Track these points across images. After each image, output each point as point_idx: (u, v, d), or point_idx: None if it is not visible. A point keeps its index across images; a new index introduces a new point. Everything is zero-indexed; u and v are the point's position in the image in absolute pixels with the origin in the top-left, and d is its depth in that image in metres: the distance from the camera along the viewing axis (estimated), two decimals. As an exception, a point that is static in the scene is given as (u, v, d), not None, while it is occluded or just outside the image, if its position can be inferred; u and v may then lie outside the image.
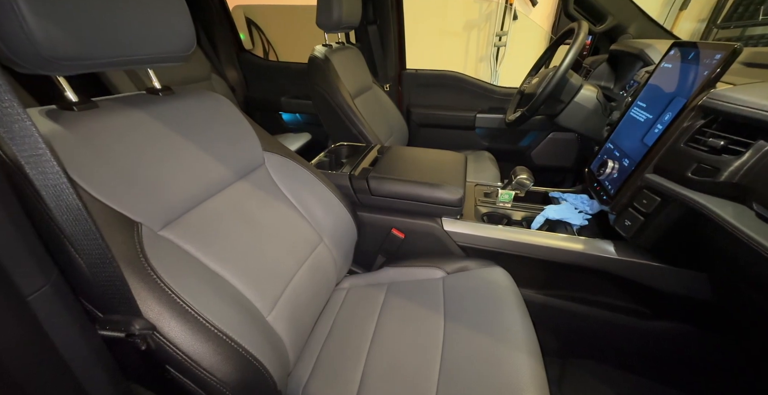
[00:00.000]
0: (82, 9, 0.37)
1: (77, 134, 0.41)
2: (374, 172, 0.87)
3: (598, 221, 0.83)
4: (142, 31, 0.44)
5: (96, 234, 0.33)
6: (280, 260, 0.60)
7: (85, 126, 0.43)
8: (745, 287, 0.51)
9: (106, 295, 0.35)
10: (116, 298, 0.35)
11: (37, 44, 0.34)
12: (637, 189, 0.63)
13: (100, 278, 0.34)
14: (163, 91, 0.55)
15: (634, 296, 0.78)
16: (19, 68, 0.36)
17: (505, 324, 0.62)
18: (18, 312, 0.29)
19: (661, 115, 0.61)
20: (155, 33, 0.46)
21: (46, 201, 0.30)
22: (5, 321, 0.28)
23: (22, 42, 0.34)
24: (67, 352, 0.32)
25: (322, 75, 1.14)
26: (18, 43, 0.34)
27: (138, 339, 0.35)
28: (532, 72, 1.19)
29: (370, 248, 0.91)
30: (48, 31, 0.35)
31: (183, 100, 0.57)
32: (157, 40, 0.46)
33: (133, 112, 0.49)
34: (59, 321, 0.32)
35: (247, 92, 1.82)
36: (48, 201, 0.31)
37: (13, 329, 0.28)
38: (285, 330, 0.55)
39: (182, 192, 0.51)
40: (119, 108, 0.48)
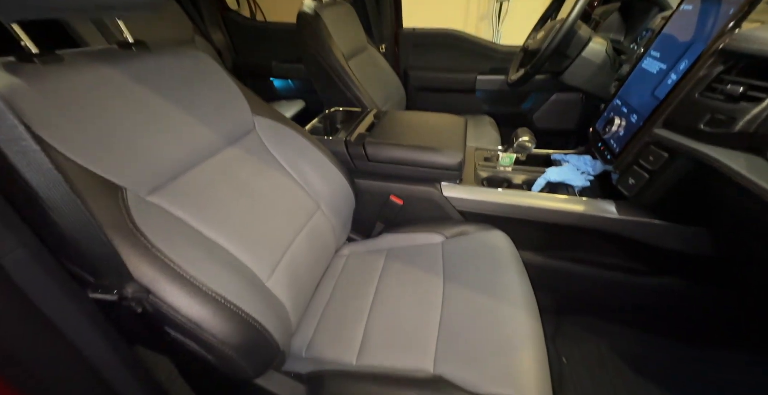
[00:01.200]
0: None
1: (42, 90, 0.38)
2: (371, 137, 0.83)
3: (600, 182, 0.81)
4: None
5: (73, 196, 0.31)
6: (277, 227, 0.59)
7: (49, 81, 0.39)
8: (751, 240, 0.50)
9: (95, 260, 0.33)
10: (105, 263, 0.34)
11: None
12: (644, 145, 0.61)
13: (84, 243, 0.32)
14: (137, 45, 0.51)
15: (632, 254, 0.78)
16: None
17: (504, 283, 0.62)
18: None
19: (677, 63, 0.57)
20: None
21: (10, 158, 0.28)
22: None
23: None
24: (56, 317, 0.32)
25: (312, 33, 1.06)
26: None
27: (132, 302, 0.34)
28: (537, 26, 1.11)
29: (369, 215, 0.90)
30: None
31: (159, 57, 0.52)
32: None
33: (103, 68, 0.45)
34: (42, 284, 0.31)
35: (235, 57, 1.71)
36: (13, 160, 0.28)
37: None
38: (285, 295, 0.55)
39: (167, 156, 0.48)
40: (88, 62, 0.44)
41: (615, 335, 0.88)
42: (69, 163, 0.37)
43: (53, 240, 0.34)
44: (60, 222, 0.32)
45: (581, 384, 0.78)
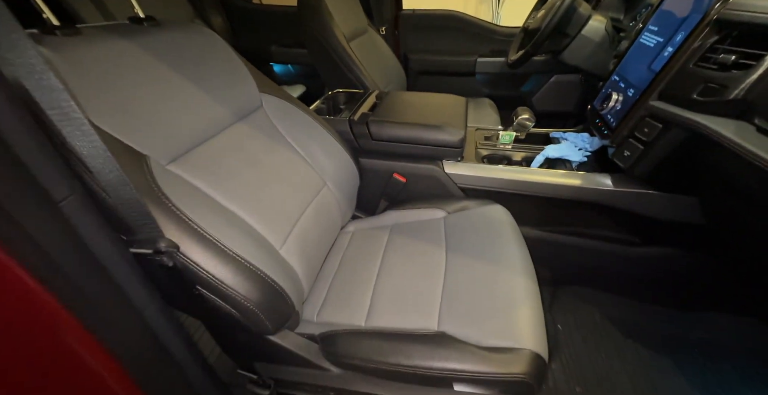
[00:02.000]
0: None
1: (66, 60, 0.40)
2: (374, 116, 0.85)
3: (597, 158, 0.84)
4: None
5: (111, 158, 0.33)
6: (287, 200, 0.62)
7: (71, 52, 0.41)
8: (739, 205, 0.53)
9: (129, 216, 0.36)
10: (138, 219, 0.36)
11: None
12: (639, 118, 0.63)
13: (120, 199, 0.35)
14: (148, 21, 0.52)
15: (626, 226, 0.81)
16: None
17: (503, 252, 0.65)
18: (52, 214, 0.31)
19: (673, 36, 0.59)
20: None
21: (54, 121, 0.30)
22: (42, 220, 0.30)
23: None
24: (105, 260, 0.35)
25: (314, 15, 1.06)
26: None
27: (165, 256, 0.37)
28: (538, 5, 1.11)
29: (373, 193, 0.93)
30: None
31: (170, 32, 0.54)
32: None
33: (119, 41, 0.46)
34: (92, 229, 0.34)
35: (234, 41, 1.70)
36: (56, 122, 0.30)
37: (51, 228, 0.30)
38: (297, 263, 0.58)
39: (184, 128, 0.50)
40: (104, 36, 0.45)
41: (608, 303, 0.92)
42: (96, 130, 0.39)
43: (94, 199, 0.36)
44: (99, 182, 0.34)
45: (575, 347, 0.83)
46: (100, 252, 0.35)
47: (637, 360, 0.80)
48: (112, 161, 0.33)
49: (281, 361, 0.57)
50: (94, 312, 0.34)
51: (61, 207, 0.31)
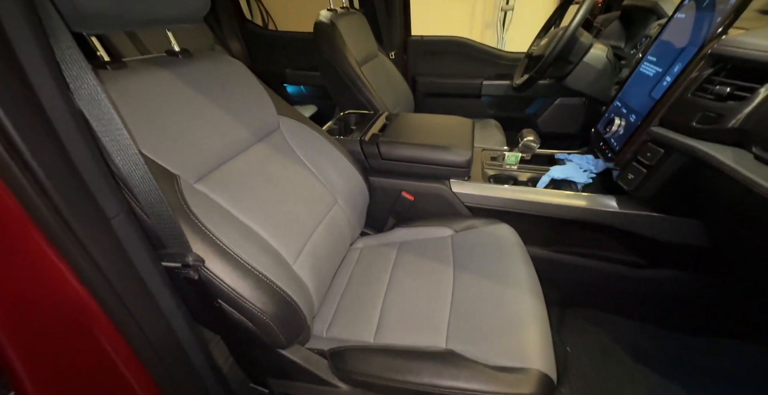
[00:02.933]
0: None
1: (115, 91, 0.45)
2: (384, 137, 0.89)
3: (602, 180, 0.85)
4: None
5: (150, 176, 0.37)
6: (300, 217, 0.64)
7: (119, 84, 0.46)
8: (740, 229, 0.54)
9: (162, 231, 0.39)
10: (170, 235, 0.40)
11: (77, 3, 0.37)
12: (642, 143, 0.65)
13: (156, 215, 0.38)
14: (182, 53, 0.57)
15: (632, 247, 0.82)
16: None
17: (511, 271, 0.66)
18: (107, 231, 0.34)
19: (671, 67, 0.62)
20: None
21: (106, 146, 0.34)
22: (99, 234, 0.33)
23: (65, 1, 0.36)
24: (142, 271, 0.38)
25: (328, 41, 1.12)
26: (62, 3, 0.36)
27: (191, 269, 0.40)
28: (541, 33, 1.16)
29: (382, 211, 0.95)
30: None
31: (201, 63, 0.59)
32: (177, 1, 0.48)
33: (159, 72, 0.51)
34: (134, 244, 0.37)
35: (251, 64, 1.79)
36: (108, 147, 0.34)
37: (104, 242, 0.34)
38: (309, 278, 0.60)
39: (210, 149, 0.54)
40: (146, 68, 0.51)
41: (617, 326, 0.91)
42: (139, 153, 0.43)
43: None
44: (139, 201, 0.38)
45: (584, 370, 0.81)
46: (139, 263, 0.38)
47: (647, 385, 0.78)
48: (152, 182, 0.36)
49: (292, 377, 0.58)
50: (128, 317, 0.37)
51: (113, 224, 0.34)
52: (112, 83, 0.45)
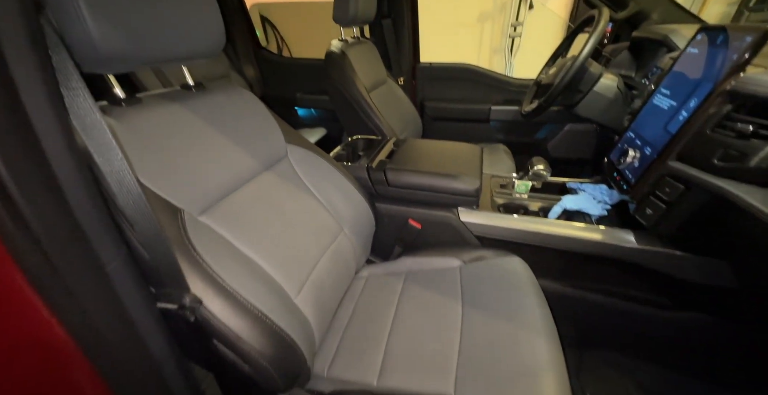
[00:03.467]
0: (134, 13, 0.41)
1: (127, 127, 0.45)
2: (391, 164, 0.88)
3: (617, 211, 0.82)
4: (182, 31, 0.48)
5: (152, 216, 0.36)
6: (305, 247, 0.63)
7: (132, 120, 0.47)
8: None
9: (161, 270, 0.38)
10: (169, 275, 0.39)
11: (96, 46, 0.38)
12: (659, 177, 0.62)
13: (155, 256, 0.37)
14: (196, 87, 0.59)
15: (654, 286, 0.77)
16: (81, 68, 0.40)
17: (523, 310, 0.63)
18: (99, 278, 0.33)
19: (686, 101, 0.60)
20: (192, 32, 0.49)
21: (111, 185, 0.34)
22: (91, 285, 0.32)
23: (84, 45, 0.38)
24: (136, 317, 0.36)
25: (338, 70, 1.15)
26: (81, 46, 0.38)
27: (188, 311, 0.39)
28: (550, 62, 1.17)
29: (388, 238, 0.93)
30: (106, 34, 0.39)
31: (214, 95, 0.60)
32: (193, 38, 0.50)
33: (171, 107, 0.53)
34: (129, 291, 0.36)
35: (264, 88, 1.85)
36: (112, 186, 0.34)
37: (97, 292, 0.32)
38: (311, 312, 0.58)
39: (217, 181, 0.54)
40: (159, 103, 0.52)
41: (642, 371, 0.84)
42: (144, 188, 0.43)
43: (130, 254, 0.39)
44: (138, 238, 0.37)
45: None
46: (132, 307, 0.37)
47: None
48: (153, 220, 0.36)
49: None
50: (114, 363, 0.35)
51: (107, 269, 0.33)
52: (124, 119, 0.46)
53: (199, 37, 0.51)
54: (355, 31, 1.30)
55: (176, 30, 0.47)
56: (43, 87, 0.27)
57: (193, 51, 0.50)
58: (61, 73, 0.30)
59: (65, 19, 0.36)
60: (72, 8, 0.36)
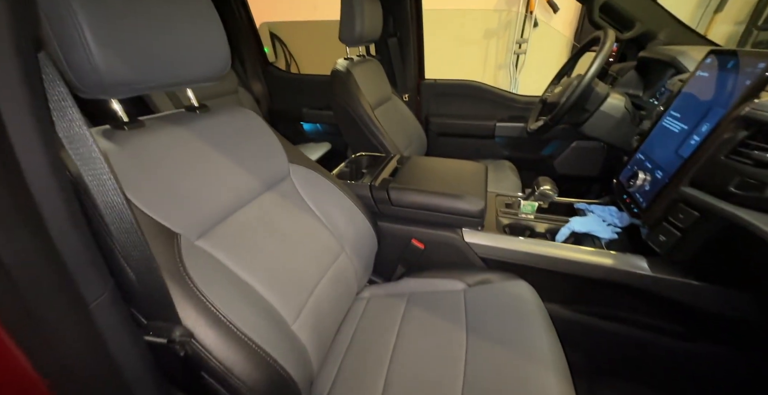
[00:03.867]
0: (138, 40, 0.41)
1: (128, 152, 0.45)
2: (394, 183, 0.87)
3: (628, 234, 0.79)
4: (187, 56, 0.48)
5: (144, 245, 0.35)
6: (304, 269, 0.62)
7: (133, 144, 0.46)
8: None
9: (151, 302, 0.37)
10: (159, 306, 0.37)
11: (100, 73, 0.39)
12: (672, 202, 0.60)
13: (146, 286, 0.36)
14: (200, 109, 0.59)
15: (670, 315, 0.73)
16: (83, 94, 0.41)
17: (531, 340, 0.60)
18: (82, 319, 0.31)
19: (698, 125, 0.59)
20: (197, 57, 0.49)
21: (103, 213, 0.33)
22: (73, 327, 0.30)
23: (88, 72, 0.38)
24: (119, 356, 0.35)
25: (343, 88, 1.16)
26: (84, 73, 0.38)
27: (177, 345, 0.37)
28: (555, 80, 1.17)
29: (390, 258, 0.91)
30: (109, 61, 0.39)
31: (217, 117, 0.60)
32: (198, 62, 0.50)
33: (174, 129, 0.52)
34: (113, 327, 0.34)
35: (271, 104, 1.88)
36: (104, 214, 0.34)
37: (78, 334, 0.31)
38: (308, 339, 0.56)
39: (216, 203, 0.53)
40: (162, 126, 0.52)
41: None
42: (141, 214, 0.43)
43: (118, 283, 0.38)
44: (129, 266, 0.36)
45: None
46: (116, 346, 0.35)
47: None
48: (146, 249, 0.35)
49: None
50: None
51: (92, 308, 0.32)
52: (126, 143, 0.46)
53: (205, 61, 0.51)
54: (360, 50, 1.32)
55: (181, 55, 0.47)
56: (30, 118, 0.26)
57: (198, 75, 0.51)
58: (55, 103, 0.30)
59: (69, 48, 0.37)
60: (77, 37, 0.37)
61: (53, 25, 0.36)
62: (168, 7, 0.45)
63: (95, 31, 0.37)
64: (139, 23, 0.41)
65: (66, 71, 0.38)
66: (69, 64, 0.37)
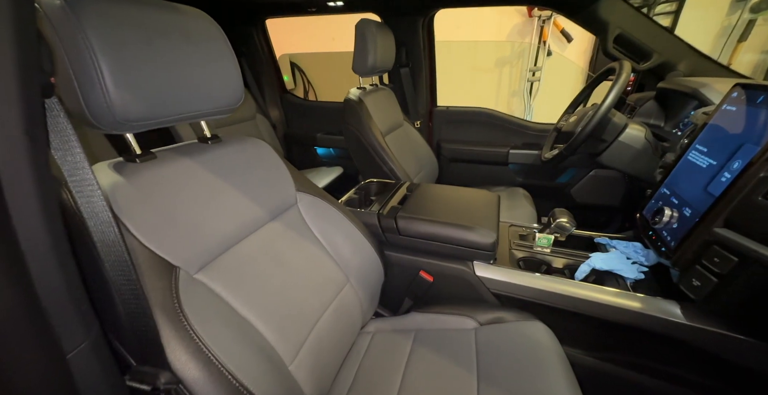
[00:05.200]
0: (154, 79, 0.43)
1: (135, 184, 0.45)
2: (403, 211, 0.85)
3: (654, 274, 0.73)
4: (200, 91, 0.49)
5: (136, 283, 0.35)
6: (306, 302, 0.60)
7: (143, 176, 0.47)
8: None
9: (140, 344, 0.36)
10: (148, 348, 0.36)
11: (114, 110, 0.40)
12: (704, 244, 0.55)
13: (136, 328, 0.35)
14: (212, 139, 0.60)
15: (707, 370, 0.65)
16: (99, 130, 0.42)
17: (549, 389, 0.54)
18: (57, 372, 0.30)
19: (728, 162, 0.55)
20: (210, 91, 0.51)
21: (99, 249, 0.33)
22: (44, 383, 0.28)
23: (103, 109, 0.40)
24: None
25: (355, 116, 1.19)
26: (100, 110, 0.40)
27: (162, 393, 0.35)
28: (570, 110, 1.15)
29: (397, 290, 0.87)
30: (124, 100, 0.40)
31: (228, 147, 0.61)
32: (211, 97, 0.51)
33: (185, 161, 0.53)
34: (93, 374, 0.33)
35: (287, 129, 1.95)
36: (100, 251, 0.33)
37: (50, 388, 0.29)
38: (307, 380, 0.53)
39: (219, 235, 0.53)
40: (173, 157, 0.52)
41: None
42: (141, 247, 0.42)
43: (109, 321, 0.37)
44: (119, 305, 0.35)
45: None
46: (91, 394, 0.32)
47: None
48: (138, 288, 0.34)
49: None
50: None
51: (69, 358, 0.30)
52: (134, 176, 0.46)
53: (218, 96, 0.52)
54: (373, 79, 1.36)
55: (195, 91, 0.48)
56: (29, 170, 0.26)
57: (211, 109, 0.52)
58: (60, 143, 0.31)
59: (88, 87, 0.38)
60: (95, 77, 0.38)
61: (74, 66, 0.38)
62: (185, 45, 0.47)
63: (113, 72, 0.39)
64: (157, 63, 0.43)
65: (83, 109, 0.39)
66: (86, 103, 0.39)
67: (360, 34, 1.15)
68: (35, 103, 0.27)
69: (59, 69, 0.37)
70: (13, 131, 0.24)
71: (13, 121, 0.24)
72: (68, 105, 0.39)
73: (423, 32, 1.47)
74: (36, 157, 0.26)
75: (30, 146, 0.25)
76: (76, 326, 0.31)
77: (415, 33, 1.45)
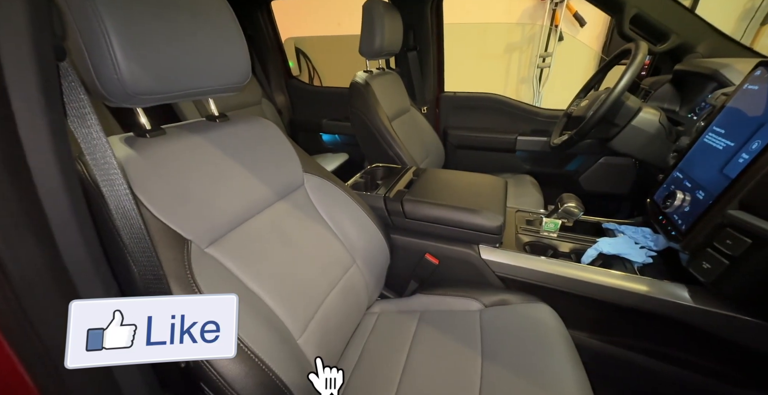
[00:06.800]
0: (163, 53, 0.43)
1: (148, 159, 0.46)
2: (409, 195, 0.85)
3: (664, 258, 0.72)
4: (208, 67, 0.49)
5: (152, 252, 0.36)
6: (314, 281, 0.61)
7: (154, 151, 0.48)
8: None
9: None
10: None
11: (125, 83, 0.40)
12: (717, 226, 0.54)
13: (152, 294, 0.36)
14: (220, 117, 0.60)
15: (719, 354, 0.65)
16: (109, 102, 0.43)
17: (553, 371, 0.55)
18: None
19: (747, 142, 0.53)
20: (219, 68, 0.51)
21: (115, 220, 0.35)
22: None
23: (114, 82, 0.40)
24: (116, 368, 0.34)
25: (361, 100, 1.17)
26: (111, 83, 0.40)
27: None
28: (581, 94, 1.12)
29: (403, 272, 0.88)
30: (134, 73, 0.41)
31: (236, 126, 0.61)
32: (219, 73, 0.51)
33: (193, 138, 0.54)
34: None
35: (293, 115, 1.93)
36: (117, 220, 0.35)
37: None
38: (314, 354, 0.54)
39: (229, 211, 0.53)
40: (182, 134, 0.53)
41: None
42: (154, 219, 0.43)
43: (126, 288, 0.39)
44: (136, 273, 0.37)
45: None
46: None
47: None
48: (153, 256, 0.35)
49: None
50: None
51: None
52: (146, 151, 0.47)
53: (226, 72, 0.52)
54: (380, 63, 1.33)
55: (204, 67, 0.48)
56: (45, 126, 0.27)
57: (219, 85, 0.52)
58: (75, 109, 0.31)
59: (98, 60, 0.39)
60: (105, 50, 0.38)
61: (84, 36, 0.38)
62: (193, 20, 0.46)
63: (123, 44, 0.39)
64: (166, 37, 0.43)
65: (94, 81, 0.40)
66: (97, 75, 0.39)
67: (367, 15, 1.12)
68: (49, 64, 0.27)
69: (70, 39, 0.37)
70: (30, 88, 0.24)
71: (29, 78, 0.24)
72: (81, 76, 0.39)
73: (431, 14, 1.43)
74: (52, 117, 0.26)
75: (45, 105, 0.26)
76: (96, 285, 0.32)
77: (423, 15, 1.41)
